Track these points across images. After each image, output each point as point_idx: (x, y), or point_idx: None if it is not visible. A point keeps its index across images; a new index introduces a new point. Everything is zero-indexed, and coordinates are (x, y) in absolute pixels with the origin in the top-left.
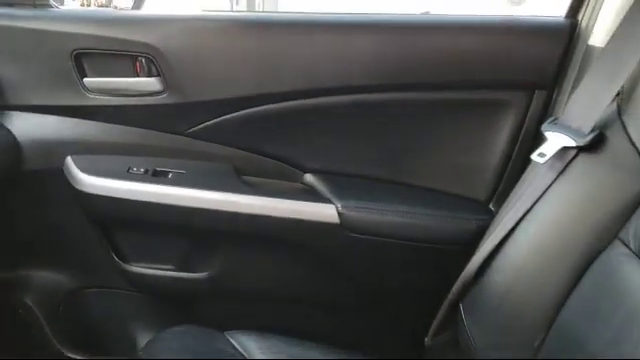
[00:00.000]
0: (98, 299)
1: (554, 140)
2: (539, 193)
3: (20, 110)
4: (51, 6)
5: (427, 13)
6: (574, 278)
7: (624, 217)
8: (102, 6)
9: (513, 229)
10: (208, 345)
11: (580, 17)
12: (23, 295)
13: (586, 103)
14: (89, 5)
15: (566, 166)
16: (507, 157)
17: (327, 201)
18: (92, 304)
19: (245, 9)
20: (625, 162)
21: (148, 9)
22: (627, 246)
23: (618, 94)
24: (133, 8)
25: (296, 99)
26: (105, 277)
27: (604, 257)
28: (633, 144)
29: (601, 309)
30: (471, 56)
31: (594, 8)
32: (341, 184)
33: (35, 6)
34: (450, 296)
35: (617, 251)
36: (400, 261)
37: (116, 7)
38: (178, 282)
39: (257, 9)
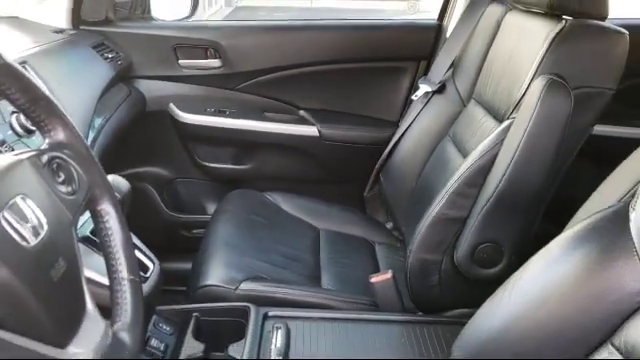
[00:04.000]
0: (185, 184)
1: (422, 87)
2: (414, 116)
3: (144, 79)
4: (155, 19)
5: None
6: (429, 154)
7: (450, 124)
8: None
9: (403, 134)
10: (256, 197)
11: (444, 20)
12: (144, 182)
13: (439, 69)
14: None
15: (427, 101)
16: (405, 98)
17: (312, 124)
18: (181, 187)
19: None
20: (453, 99)
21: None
22: (450, 137)
23: (453, 63)
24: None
25: (294, 69)
26: (188, 171)
27: (441, 143)
28: (457, 89)
29: (437, 166)
30: (384, 43)
31: (450, 15)
32: (319, 115)
33: (145, 19)
34: (375, 169)
35: (446, 140)
36: (350, 154)
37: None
38: (232, 171)
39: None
